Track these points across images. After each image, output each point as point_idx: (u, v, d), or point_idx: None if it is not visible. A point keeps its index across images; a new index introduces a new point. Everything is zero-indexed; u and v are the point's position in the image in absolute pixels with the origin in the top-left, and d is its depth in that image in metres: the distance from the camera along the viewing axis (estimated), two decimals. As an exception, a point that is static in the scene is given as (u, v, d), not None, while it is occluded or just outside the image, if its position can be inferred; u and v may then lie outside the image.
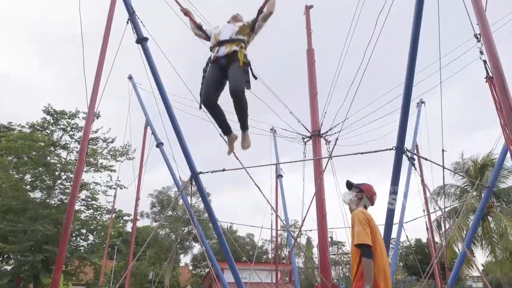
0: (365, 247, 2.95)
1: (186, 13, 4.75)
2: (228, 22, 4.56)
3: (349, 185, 3.56)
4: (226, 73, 4.04)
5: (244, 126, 4.15)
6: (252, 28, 4.33)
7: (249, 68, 4.05)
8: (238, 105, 3.89)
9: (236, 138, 4.39)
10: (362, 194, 3.42)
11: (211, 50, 4.35)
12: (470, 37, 3.84)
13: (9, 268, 17.03)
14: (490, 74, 3.24)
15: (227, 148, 4.52)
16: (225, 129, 4.33)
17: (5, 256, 17.79)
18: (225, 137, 4.51)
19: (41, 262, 16.03)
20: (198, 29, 4.69)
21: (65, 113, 19.00)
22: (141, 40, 5.34)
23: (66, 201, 18.05)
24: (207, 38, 4.61)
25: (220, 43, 4.18)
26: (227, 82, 4.05)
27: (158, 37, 5.77)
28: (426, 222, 10.22)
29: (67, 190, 18.48)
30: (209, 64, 4.22)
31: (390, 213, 4.95)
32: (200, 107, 4.15)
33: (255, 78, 4.19)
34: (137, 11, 5.35)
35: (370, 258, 2.93)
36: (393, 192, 4.87)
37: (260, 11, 4.31)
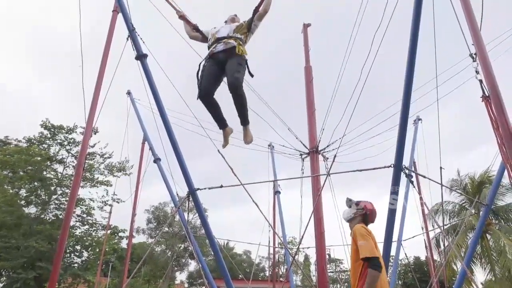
0: (374, 259, 2.91)
1: (181, 16, 4.82)
2: (225, 22, 4.67)
3: (349, 202, 3.55)
4: (223, 69, 4.13)
5: (244, 121, 4.21)
6: (248, 28, 4.43)
7: (246, 63, 4.16)
8: (237, 99, 3.97)
9: (231, 132, 4.46)
10: (362, 211, 3.41)
11: (209, 48, 4.44)
12: (467, 56, 3.89)
13: (0, 285, 16.68)
14: (486, 94, 3.26)
15: (222, 141, 4.54)
16: (221, 123, 4.38)
17: (-3, 273, 17.47)
18: (221, 131, 4.53)
19: (33, 279, 15.72)
20: (195, 30, 4.76)
21: (63, 127, 19.00)
22: (141, 57, 5.38)
23: (61, 216, 17.85)
24: (204, 39, 4.69)
25: (218, 40, 4.28)
26: (224, 78, 4.15)
27: (157, 52, 5.82)
28: (424, 240, 10.12)
29: (63, 206, 18.30)
30: (207, 60, 4.30)
31: (391, 214, 4.90)
32: (198, 98, 4.22)
33: (251, 75, 4.29)
34: (137, 27, 5.42)
35: (379, 271, 2.89)
36: (394, 192, 4.84)
37: (255, 11, 4.41)
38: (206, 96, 4.14)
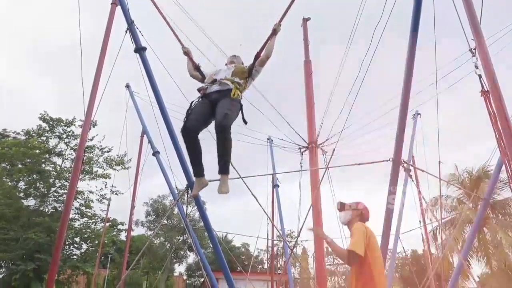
0: (355, 254, 3.04)
1: (186, 53, 4.67)
2: (226, 64, 4.53)
3: (342, 206, 3.59)
4: (215, 110, 3.79)
5: (224, 169, 3.80)
6: (249, 73, 4.24)
7: (241, 108, 3.91)
8: (222, 141, 3.58)
9: (205, 185, 4.10)
10: (358, 212, 3.47)
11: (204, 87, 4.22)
12: (467, 50, 3.88)
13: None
14: (486, 89, 3.27)
15: (193, 189, 4.12)
16: (198, 169, 3.98)
17: (-4, 264, 17.53)
18: (195, 179, 4.13)
19: (32, 271, 15.80)
20: (196, 69, 4.58)
21: (61, 120, 18.92)
22: (139, 50, 5.37)
23: (60, 209, 17.87)
24: (203, 80, 4.47)
25: (215, 81, 4.06)
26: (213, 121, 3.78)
27: (156, 44, 5.80)
28: (422, 233, 10.20)
29: (61, 198, 18.31)
30: (200, 99, 4.03)
31: (389, 214, 4.96)
32: (181, 132, 3.88)
33: (245, 122, 4.01)
34: (135, 20, 5.39)
35: (349, 261, 3.10)
36: (392, 193, 4.89)
37: (257, 56, 4.25)
38: (191, 131, 3.76)
